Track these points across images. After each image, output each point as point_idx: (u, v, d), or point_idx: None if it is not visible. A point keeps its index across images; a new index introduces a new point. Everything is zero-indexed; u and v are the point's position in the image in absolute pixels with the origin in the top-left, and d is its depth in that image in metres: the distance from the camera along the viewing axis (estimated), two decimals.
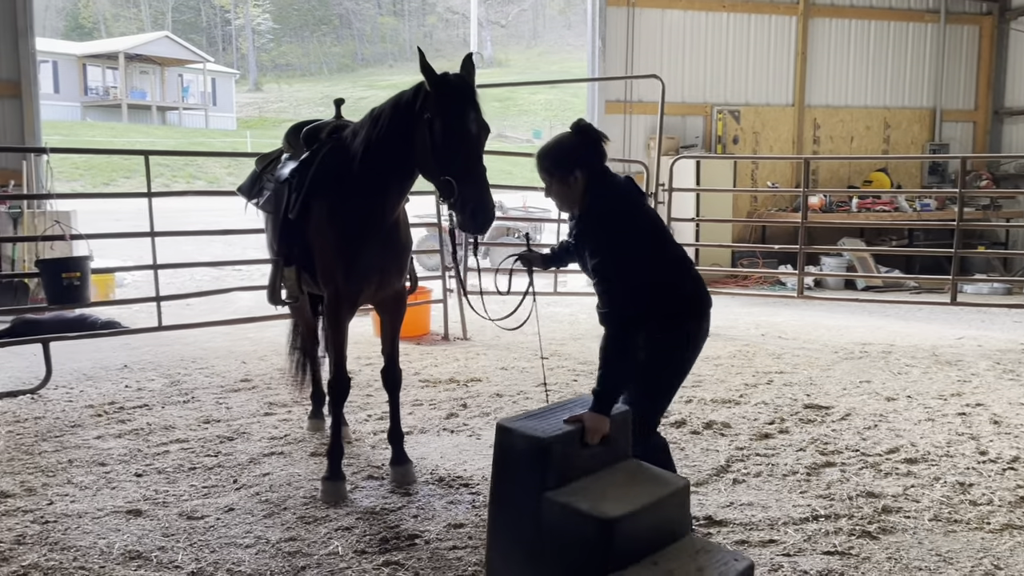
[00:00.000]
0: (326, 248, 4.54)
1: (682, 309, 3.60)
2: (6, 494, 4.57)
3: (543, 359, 4.42)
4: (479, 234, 4.00)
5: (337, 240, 4.47)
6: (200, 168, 32.13)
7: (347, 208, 4.45)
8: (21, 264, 10.44)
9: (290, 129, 5.24)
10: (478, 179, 3.90)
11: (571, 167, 3.54)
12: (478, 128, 3.98)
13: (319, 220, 4.56)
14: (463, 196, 3.87)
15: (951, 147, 14.64)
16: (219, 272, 13.47)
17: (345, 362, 4.72)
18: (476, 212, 3.86)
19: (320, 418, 5.70)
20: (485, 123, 4.02)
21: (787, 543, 3.97)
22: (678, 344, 3.61)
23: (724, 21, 13.75)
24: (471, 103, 3.98)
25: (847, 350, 8.30)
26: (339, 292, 4.55)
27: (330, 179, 4.54)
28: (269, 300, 5.14)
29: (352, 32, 76.13)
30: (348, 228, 4.45)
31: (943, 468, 4.98)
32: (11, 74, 10.61)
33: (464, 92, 3.98)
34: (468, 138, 3.93)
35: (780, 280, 12.78)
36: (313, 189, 4.59)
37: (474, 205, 3.86)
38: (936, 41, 14.56)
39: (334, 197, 4.50)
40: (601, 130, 3.66)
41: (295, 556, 3.86)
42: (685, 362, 3.68)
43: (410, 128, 4.11)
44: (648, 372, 3.58)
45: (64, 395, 6.64)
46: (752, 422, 5.88)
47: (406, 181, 4.37)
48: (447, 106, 3.94)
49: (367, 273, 4.53)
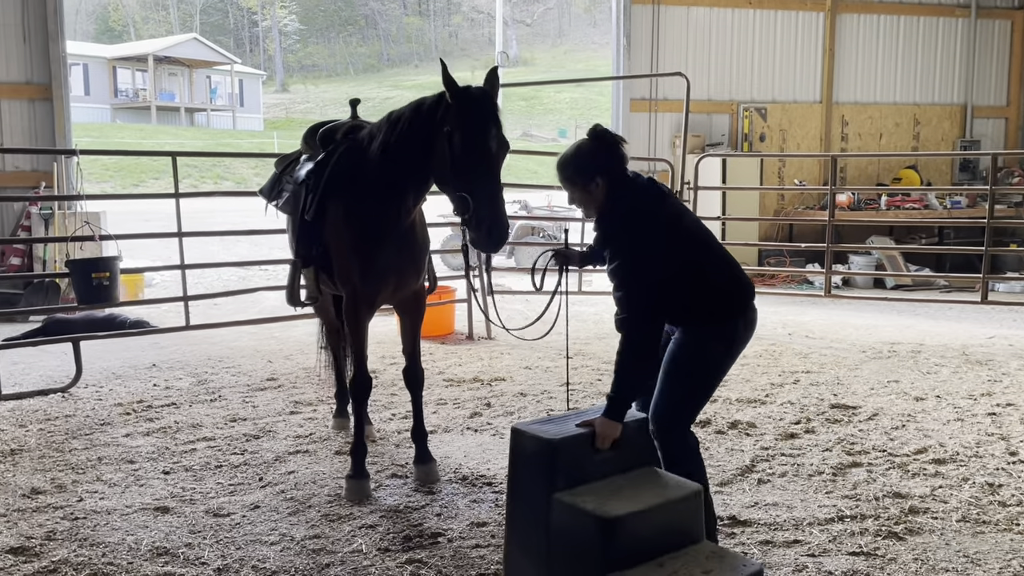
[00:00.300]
0: (343, 249, 4.55)
1: (723, 307, 3.57)
2: (37, 491, 4.64)
3: (568, 358, 4.41)
4: (492, 252, 3.98)
5: (354, 241, 4.48)
6: (227, 169, 32.39)
7: (363, 210, 4.45)
8: (52, 264, 10.59)
9: (307, 130, 5.25)
10: (494, 197, 3.86)
11: (592, 174, 3.53)
12: (498, 145, 3.93)
13: (335, 221, 4.57)
14: (478, 213, 3.84)
15: (982, 143, 14.44)
16: (246, 272, 13.58)
17: (366, 361, 4.74)
18: (492, 230, 3.82)
19: (345, 417, 5.72)
20: (505, 140, 3.98)
21: (812, 543, 3.94)
22: (718, 342, 3.57)
23: (750, 17, 13.65)
24: (492, 119, 3.92)
25: (875, 349, 8.22)
26: (356, 293, 4.56)
27: (346, 180, 4.54)
28: (288, 301, 5.16)
29: (378, 32, 76.43)
30: (364, 229, 4.45)
31: (972, 469, 4.92)
32: (42, 77, 10.76)
33: (486, 107, 3.93)
34: (487, 155, 3.88)
35: (807, 279, 12.66)
36: (329, 190, 4.59)
37: (489, 223, 3.82)
38: (967, 36, 14.36)
39: (350, 198, 4.50)
40: (619, 133, 3.65)
41: (319, 553, 3.89)
42: (724, 361, 3.64)
43: (429, 137, 4.07)
44: (686, 370, 3.55)
45: (94, 393, 6.73)
46: (778, 422, 5.84)
47: (422, 187, 4.37)
48: (467, 121, 3.89)
49: (384, 274, 4.53)
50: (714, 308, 3.57)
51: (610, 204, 3.54)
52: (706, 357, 3.57)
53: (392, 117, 4.38)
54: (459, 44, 74.62)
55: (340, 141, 4.76)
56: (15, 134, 10.63)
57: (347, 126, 4.89)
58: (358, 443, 4.68)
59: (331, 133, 4.90)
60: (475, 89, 4.00)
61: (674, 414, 3.55)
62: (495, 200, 3.86)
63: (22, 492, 4.61)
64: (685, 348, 3.56)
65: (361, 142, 4.58)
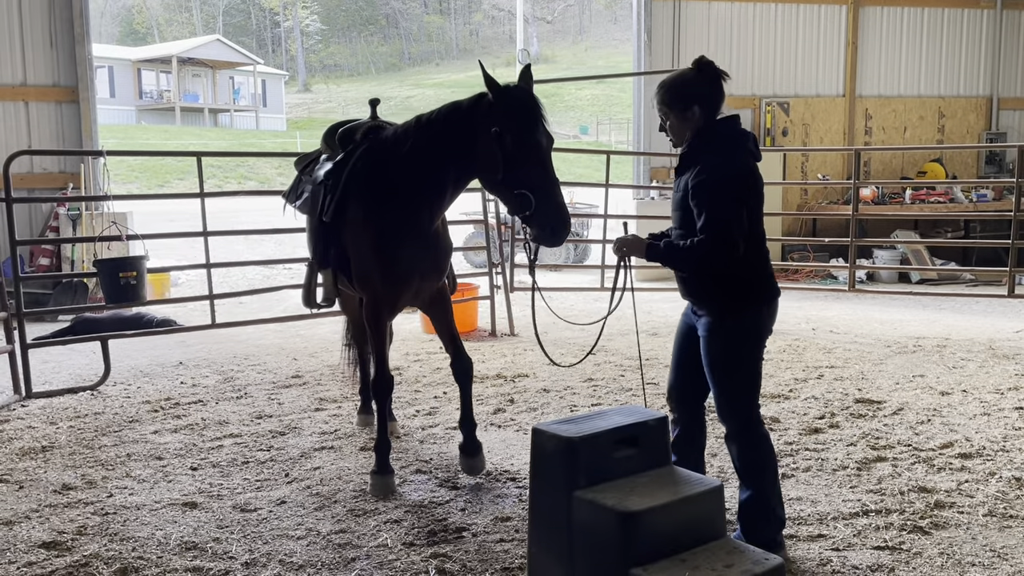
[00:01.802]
0: (363, 252, 4.51)
1: (763, 287, 3.63)
2: (68, 487, 4.72)
3: (641, 361, 4.40)
4: (556, 246, 4.03)
5: (375, 244, 4.44)
6: (251, 169, 32.64)
7: (387, 212, 4.42)
8: (80, 264, 10.74)
9: (327, 130, 5.23)
10: (553, 192, 3.91)
11: (689, 102, 3.55)
12: (548, 141, 3.98)
13: (356, 223, 4.53)
14: (540, 210, 3.88)
15: (1008, 135, 14.28)
16: (270, 271, 13.69)
17: (387, 361, 4.75)
18: (556, 227, 3.88)
19: (369, 413, 5.75)
20: (551, 135, 4.03)
21: (836, 538, 3.93)
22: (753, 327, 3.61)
23: (772, 12, 13.58)
24: (540, 116, 3.96)
25: (900, 344, 8.16)
26: (377, 297, 4.56)
27: (368, 182, 4.50)
28: (304, 303, 5.18)
29: (399, 31, 76.66)
30: (388, 233, 4.42)
31: (999, 463, 4.88)
32: (69, 80, 10.91)
33: (532, 105, 3.96)
34: (540, 152, 3.92)
35: (831, 274, 12.59)
36: (349, 191, 4.56)
37: (553, 220, 3.88)
38: (992, 27, 14.21)
39: (372, 200, 4.47)
40: (722, 68, 3.62)
41: (345, 548, 3.93)
42: (760, 344, 3.67)
43: (470, 139, 4.07)
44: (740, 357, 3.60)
45: (122, 391, 6.82)
46: (802, 417, 5.82)
47: (456, 191, 4.38)
48: (517, 120, 3.91)
49: (407, 278, 4.52)
50: (756, 286, 3.61)
51: (704, 135, 3.56)
52: (741, 351, 3.61)
53: (423, 120, 4.33)
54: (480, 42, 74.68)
55: (360, 141, 4.73)
56: (43, 136, 10.79)
57: (367, 126, 4.84)
58: (382, 439, 4.71)
59: (350, 133, 4.87)
60: (517, 88, 4.01)
61: (741, 411, 3.66)
62: (554, 195, 3.91)
63: (53, 488, 4.69)
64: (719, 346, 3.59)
65: (384, 143, 4.54)
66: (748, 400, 3.67)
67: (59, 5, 10.76)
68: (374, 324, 4.64)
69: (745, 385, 3.65)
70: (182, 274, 12.35)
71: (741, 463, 3.71)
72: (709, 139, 3.57)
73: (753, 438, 3.68)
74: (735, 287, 3.56)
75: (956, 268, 12.26)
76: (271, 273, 13.63)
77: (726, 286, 3.56)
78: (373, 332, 4.67)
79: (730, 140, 3.59)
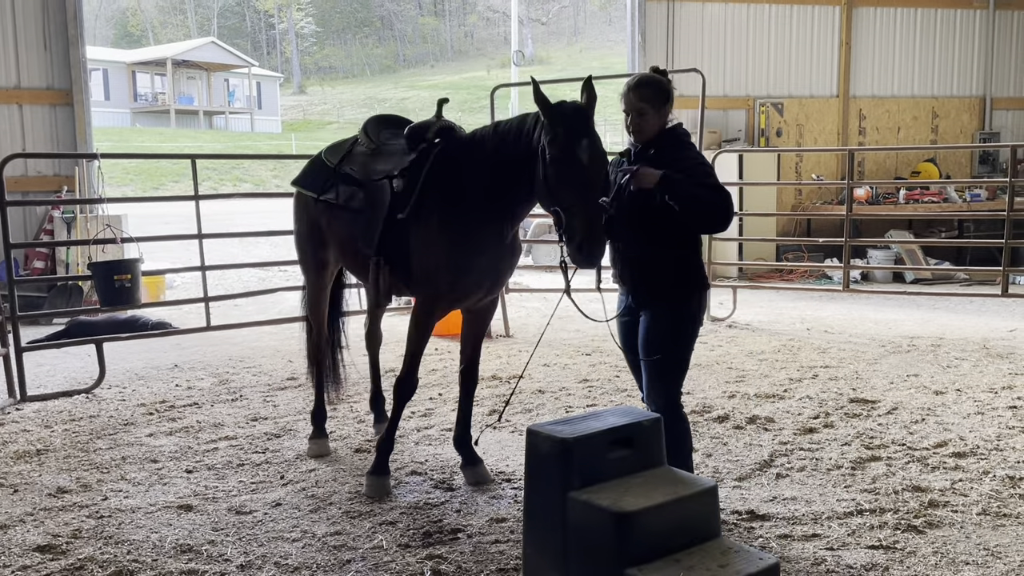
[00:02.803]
0: (436, 252, 4.40)
1: (702, 279, 4.05)
2: (63, 490, 4.71)
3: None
4: (588, 268, 3.89)
5: (452, 247, 4.35)
6: (246, 171, 32.57)
7: (468, 216, 4.34)
8: (75, 267, 10.72)
9: (371, 121, 5.06)
10: (585, 212, 3.78)
11: (667, 100, 3.99)
12: (590, 159, 3.84)
13: (432, 223, 4.41)
14: (571, 229, 3.79)
15: (1002, 135, 14.33)
16: (265, 273, 13.68)
17: (419, 364, 4.67)
18: (582, 246, 3.77)
19: (323, 438, 5.40)
20: (601, 152, 3.89)
21: (831, 537, 3.94)
22: (698, 312, 4.03)
23: (765, 13, 13.61)
24: (584, 132, 3.85)
25: (894, 344, 8.19)
26: (440, 297, 4.48)
27: (449, 184, 4.40)
28: (374, 304, 4.88)
29: (394, 33, 76.64)
30: (467, 237, 4.34)
31: (992, 462, 4.90)
32: (63, 83, 10.89)
33: (575, 121, 3.87)
34: (578, 169, 3.81)
35: (826, 274, 12.62)
36: (428, 191, 4.44)
37: (581, 238, 3.76)
38: (985, 27, 14.25)
39: (453, 203, 4.37)
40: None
41: (340, 550, 3.93)
42: (698, 328, 4.08)
43: (527, 154, 4.04)
44: (678, 341, 3.98)
45: (117, 394, 6.82)
46: (796, 416, 5.83)
47: (525, 203, 4.31)
48: (557, 136, 3.86)
49: (477, 286, 4.49)
50: (702, 273, 4.06)
51: (672, 133, 4.01)
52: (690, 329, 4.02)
53: (500, 129, 4.29)
54: (475, 44, 74.75)
55: (436, 143, 4.57)
56: (37, 139, 10.77)
57: (438, 126, 4.64)
58: (388, 440, 4.69)
59: (421, 131, 4.65)
60: (567, 104, 3.95)
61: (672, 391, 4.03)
62: (586, 215, 3.77)
63: (48, 491, 4.69)
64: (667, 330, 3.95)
65: (464, 146, 4.46)
66: (678, 383, 4.07)
67: (53, 8, 10.75)
68: (425, 323, 4.57)
69: (681, 367, 4.04)
70: (177, 277, 12.34)
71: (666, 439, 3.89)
72: (676, 138, 4.01)
73: (678, 416, 4.03)
74: (691, 272, 3.98)
75: (950, 268, 12.30)
76: (266, 275, 13.61)
77: (684, 270, 3.96)
78: (422, 331, 4.57)
79: (689, 140, 4.08)
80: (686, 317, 3.98)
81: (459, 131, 4.65)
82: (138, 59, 49.72)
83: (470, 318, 4.86)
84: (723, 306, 9.70)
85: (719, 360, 7.60)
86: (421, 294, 4.60)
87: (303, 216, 5.28)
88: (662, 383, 3.99)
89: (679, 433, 3.99)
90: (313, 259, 5.30)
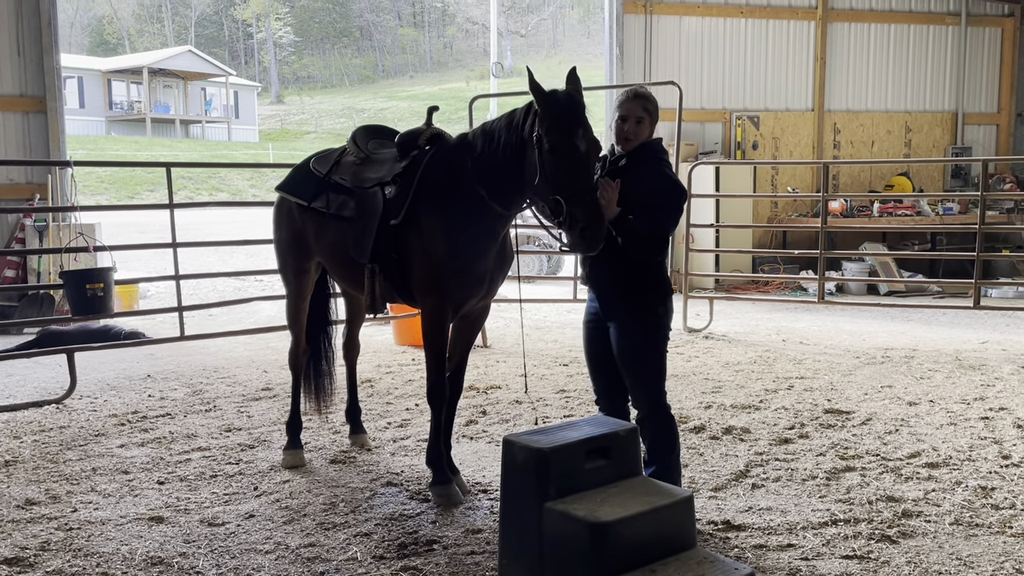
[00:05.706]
0: (437, 259, 4.40)
1: (666, 285, 4.19)
2: (31, 501, 4.64)
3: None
4: (590, 254, 3.97)
5: (451, 251, 4.36)
6: (223, 180, 32.39)
7: (462, 219, 4.35)
8: (46, 276, 10.59)
9: (358, 131, 5.05)
10: (586, 198, 3.83)
11: (657, 117, 4.20)
12: (587, 145, 3.92)
13: (428, 229, 4.42)
14: (571, 216, 3.83)
15: (974, 150, 14.52)
16: (241, 282, 13.59)
17: (445, 370, 4.64)
18: (585, 232, 3.81)
19: (298, 448, 5.33)
20: (595, 140, 3.95)
21: (805, 547, 3.95)
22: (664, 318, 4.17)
23: (742, 27, 13.73)
24: (579, 119, 3.93)
25: (869, 355, 8.25)
26: (446, 303, 4.47)
27: (441, 188, 4.42)
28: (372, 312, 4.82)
29: (373, 44, 76.56)
30: (464, 240, 4.36)
31: (965, 472, 4.94)
32: (37, 90, 10.78)
33: (570, 108, 3.93)
34: (576, 155, 3.88)
35: (801, 286, 12.71)
36: (421, 196, 4.45)
37: (584, 225, 3.81)
38: (957, 44, 14.46)
39: (447, 207, 4.39)
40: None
41: (314, 562, 3.89)
42: (668, 334, 4.24)
43: (520, 148, 4.07)
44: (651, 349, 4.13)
45: (88, 405, 6.73)
46: (772, 427, 5.85)
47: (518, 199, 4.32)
48: (553, 123, 3.89)
49: (480, 284, 4.50)
50: (668, 283, 4.19)
51: (654, 146, 4.19)
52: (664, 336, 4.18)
53: (487, 128, 4.33)
54: (454, 55, 74.82)
55: (427, 149, 4.60)
56: (9, 146, 10.64)
57: (430, 133, 4.68)
58: (435, 447, 4.61)
59: (412, 139, 4.67)
60: (560, 92, 4.00)
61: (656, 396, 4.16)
62: (586, 201, 3.83)
63: (16, 503, 4.61)
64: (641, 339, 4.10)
65: (454, 151, 4.48)
66: (661, 386, 4.19)
67: (27, 15, 10.64)
68: (440, 330, 4.53)
69: (660, 373, 4.18)
70: (151, 286, 12.23)
71: (653, 442, 4.15)
72: (652, 153, 4.15)
73: (665, 418, 4.18)
74: (658, 282, 4.11)
75: (923, 280, 12.43)
76: (242, 285, 13.52)
77: (653, 280, 4.08)
78: (438, 338, 4.53)
79: (665, 157, 4.22)
80: (653, 325, 4.12)
81: (448, 138, 4.68)
82: (114, 67, 49.28)
83: (461, 324, 4.84)
84: (700, 317, 9.74)
85: (695, 371, 7.62)
86: (427, 302, 4.55)
87: (286, 223, 5.22)
88: (645, 391, 4.16)
89: (669, 431, 4.19)
90: (294, 266, 5.26)
